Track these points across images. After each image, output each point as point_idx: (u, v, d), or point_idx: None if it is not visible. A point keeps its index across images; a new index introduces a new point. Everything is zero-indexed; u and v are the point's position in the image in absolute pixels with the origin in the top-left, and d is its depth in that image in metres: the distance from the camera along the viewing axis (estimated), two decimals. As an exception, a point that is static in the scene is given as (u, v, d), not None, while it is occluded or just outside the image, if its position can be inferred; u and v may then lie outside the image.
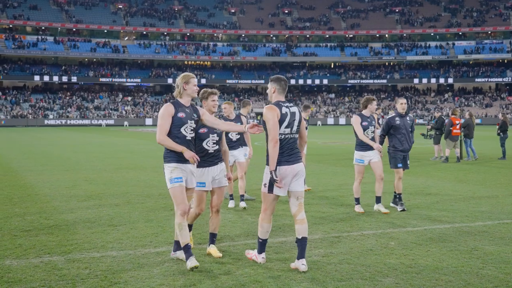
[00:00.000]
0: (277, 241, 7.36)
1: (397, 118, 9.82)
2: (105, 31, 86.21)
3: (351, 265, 6.17)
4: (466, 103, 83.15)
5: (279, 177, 5.92)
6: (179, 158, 6.10)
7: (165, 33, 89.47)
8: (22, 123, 70.05)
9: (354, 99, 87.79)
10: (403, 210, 9.52)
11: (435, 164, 18.62)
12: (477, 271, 5.94)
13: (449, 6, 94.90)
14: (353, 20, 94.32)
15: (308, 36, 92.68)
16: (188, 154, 5.99)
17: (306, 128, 11.97)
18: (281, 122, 5.91)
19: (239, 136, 10.19)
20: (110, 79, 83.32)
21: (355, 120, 9.51)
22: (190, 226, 6.90)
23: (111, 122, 74.08)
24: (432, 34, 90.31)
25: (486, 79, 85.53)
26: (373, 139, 9.52)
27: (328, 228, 8.17)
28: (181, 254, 6.30)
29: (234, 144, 10.12)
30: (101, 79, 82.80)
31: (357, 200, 9.69)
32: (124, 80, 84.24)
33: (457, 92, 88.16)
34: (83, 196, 11.31)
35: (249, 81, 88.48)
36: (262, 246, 6.24)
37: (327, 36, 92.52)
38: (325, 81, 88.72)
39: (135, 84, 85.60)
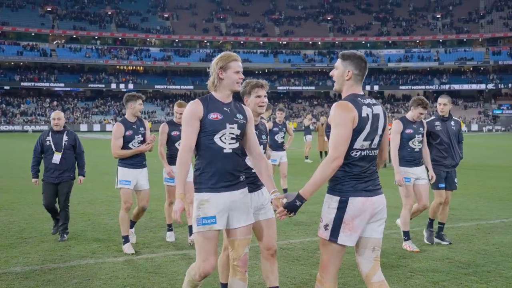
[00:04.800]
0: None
1: (437, 123, 7.51)
2: (33, 34, 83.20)
3: (293, 271, 5.81)
4: (395, 110, 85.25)
5: (351, 215, 3.78)
6: (215, 183, 4.03)
7: (96, 37, 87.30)
8: None
9: (288, 105, 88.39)
10: (449, 243, 7.39)
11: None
12: (405, 281, 5.73)
13: (379, 15, 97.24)
14: (287, 27, 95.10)
15: (242, 42, 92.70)
16: (177, 205, 3.93)
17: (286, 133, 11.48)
18: (359, 131, 3.77)
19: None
20: (38, 83, 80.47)
21: (395, 127, 7.25)
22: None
23: (40, 128, 71.41)
24: (363, 42, 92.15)
25: (413, 87, 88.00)
26: (420, 152, 7.27)
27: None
28: None
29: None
30: (28, 84, 79.81)
31: (407, 235, 7.18)
32: (52, 84, 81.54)
33: (387, 99, 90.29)
34: (-5, 206, 10.51)
35: (179, 87, 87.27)
36: None
37: (261, 42, 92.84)
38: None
39: (64, 89, 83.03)
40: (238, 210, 4.11)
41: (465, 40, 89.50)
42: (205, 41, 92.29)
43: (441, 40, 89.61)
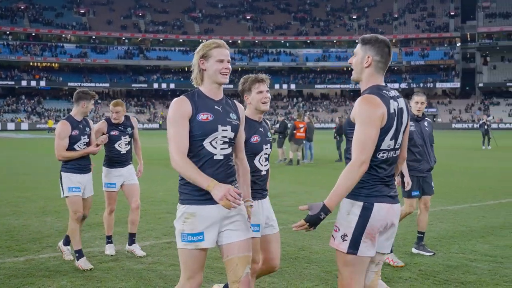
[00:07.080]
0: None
1: (411, 123, 6.55)
2: None
3: (177, 271, 5.95)
4: (314, 108, 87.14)
5: (375, 224, 3.30)
6: (203, 194, 3.37)
7: (8, 32, 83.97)
8: None
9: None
10: (433, 253, 6.82)
11: (280, 166, 19.08)
12: (300, 271, 6.00)
13: (298, 15, 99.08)
14: (207, 25, 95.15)
15: (161, 39, 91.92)
16: (220, 191, 3.17)
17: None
18: (387, 129, 3.28)
19: (129, 147, 6.96)
20: None
21: None
22: None
23: None
24: (282, 41, 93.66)
25: (329, 86, 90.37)
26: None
27: (159, 233, 7.90)
28: None
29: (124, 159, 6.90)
30: None
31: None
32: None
33: (306, 98, 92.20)
34: None
35: (94, 84, 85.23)
36: None
37: (181, 40, 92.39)
38: (173, 86, 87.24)
39: (-27, 86, 79.40)
40: (232, 224, 3.50)
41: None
42: (123, 38, 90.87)
43: (357, 41, 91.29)
